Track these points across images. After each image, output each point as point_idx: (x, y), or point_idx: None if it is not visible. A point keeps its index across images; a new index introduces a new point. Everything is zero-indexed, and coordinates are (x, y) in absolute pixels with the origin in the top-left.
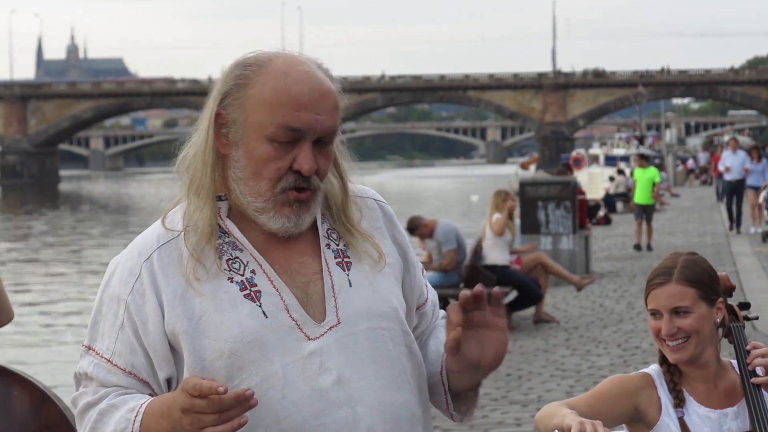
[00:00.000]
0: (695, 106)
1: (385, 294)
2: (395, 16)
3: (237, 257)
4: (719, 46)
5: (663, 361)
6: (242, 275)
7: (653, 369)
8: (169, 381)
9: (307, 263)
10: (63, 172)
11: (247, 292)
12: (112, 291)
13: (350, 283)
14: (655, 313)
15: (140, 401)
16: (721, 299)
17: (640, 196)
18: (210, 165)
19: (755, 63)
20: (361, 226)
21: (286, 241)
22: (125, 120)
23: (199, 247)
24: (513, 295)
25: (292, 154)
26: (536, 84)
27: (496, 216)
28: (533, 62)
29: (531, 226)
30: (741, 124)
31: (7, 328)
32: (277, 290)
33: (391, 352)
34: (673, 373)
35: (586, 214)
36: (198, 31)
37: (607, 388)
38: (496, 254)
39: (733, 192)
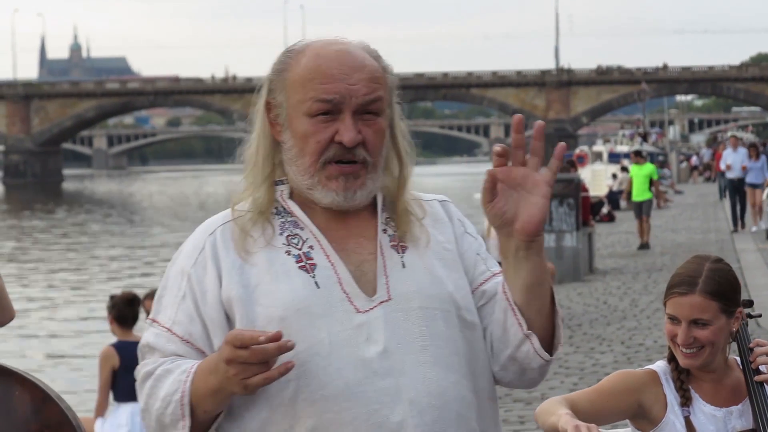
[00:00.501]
0: (699, 102)
1: (440, 277)
2: (398, 15)
3: (297, 234)
4: (723, 42)
5: (671, 359)
6: (300, 249)
7: (659, 366)
8: None
9: (364, 244)
10: (66, 171)
11: (303, 264)
12: (178, 265)
13: (403, 265)
14: (673, 319)
15: (192, 363)
16: (740, 309)
17: (636, 193)
18: (266, 152)
19: (759, 60)
20: (420, 217)
21: (345, 222)
22: (128, 119)
23: (252, 222)
24: None
25: (333, 127)
26: (539, 81)
27: None
28: (536, 59)
29: None
30: (744, 121)
31: (8, 327)
32: (332, 264)
33: (443, 332)
34: (681, 371)
35: (590, 212)
36: (201, 30)
37: (611, 384)
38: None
39: (736, 190)
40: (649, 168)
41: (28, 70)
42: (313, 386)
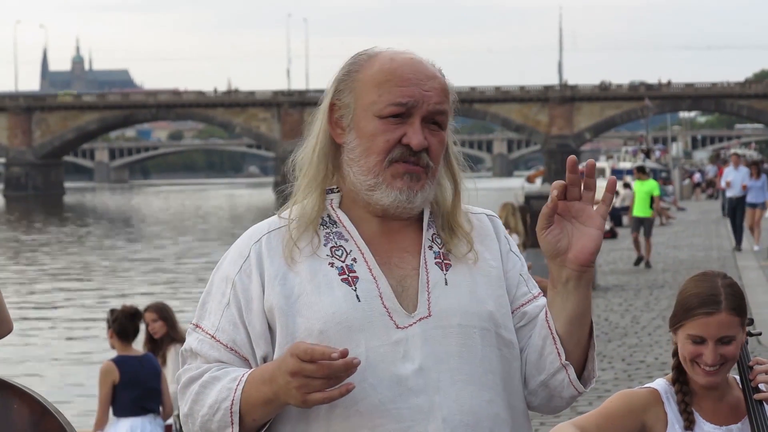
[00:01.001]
0: (702, 119)
1: (481, 296)
2: (400, 28)
3: (341, 245)
4: (727, 59)
5: (676, 380)
6: (343, 261)
7: (660, 384)
8: (265, 359)
9: (407, 259)
10: (68, 184)
11: (345, 276)
12: (223, 272)
13: (446, 282)
14: (697, 340)
15: (242, 371)
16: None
17: (638, 209)
18: (322, 157)
19: (762, 76)
20: (469, 233)
21: (391, 236)
22: (130, 132)
23: (300, 231)
24: None
25: (402, 129)
26: (543, 97)
27: (514, 236)
28: (540, 75)
29: (536, 240)
30: (748, 138)
31: (7, 340)
32: (374, 278)
33: (479, 351)
34: (685, 393)
35: None
36: (203, 43)
37: (615, 406)
38: None
39: (735, 209)
40: (651, 184)
41: (30, 82)
42: (347, 401)
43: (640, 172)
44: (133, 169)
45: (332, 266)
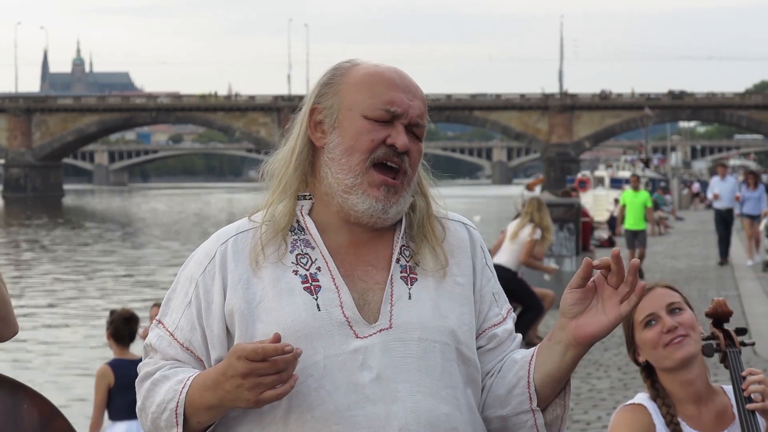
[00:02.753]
0: (701, 129)
1: (444, 311)
2: (401, 35)
3: (307, 254)
4: (727, 69)
5: (657, 395)
6: (307, 270)
7: (644, 400)
8: (219, 362)
9: (372, 273)
10: (67, 186)
11: (308, 285)
12: (188, 271)
13: (410, 296)
14: (650, 321)
15: (189, 374)
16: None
17: (630, 221)
18: (298, 162)
19: (762, 87)
20: (441, 242)
21: (358, 248)
22: (130, 135)
23: (268, 236)
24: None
25: (386, 131)
26: (543, 105)
27: (537, 231)
28: (540, 83)
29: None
30: (747, 149)
31: (8, 344)
32: (336, 288)
33: (439, 365)
34: (669, 405)
35: (589, 236)
36: (204, 47)
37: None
38: (511, 257)
39: (723, 221)
40: (644, 196)
41: (30, 84)
42: (304, 407)
43: (637, 180)
44: (133, 172)
45: (296, 274)
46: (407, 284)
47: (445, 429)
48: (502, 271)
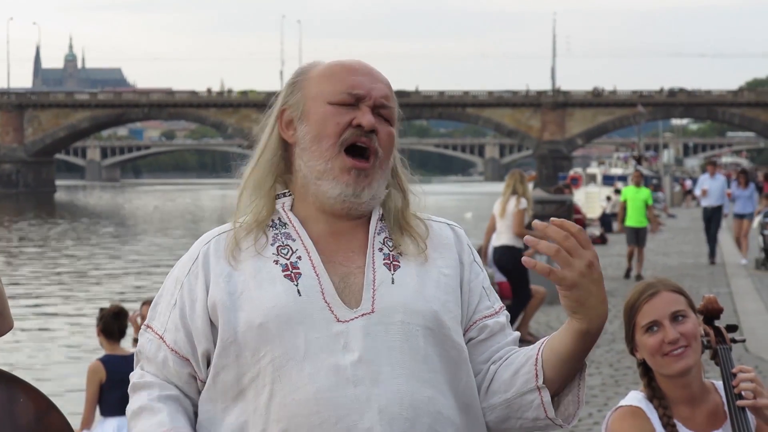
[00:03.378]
0: (694, 127)
1: (428, 297)
2: (394, 32)
3: (288, 245)
4: (719, 67)
5: (653, 395)
6: (288, 259)
7: (638, 400)
8: (207, 356)
9: (353, 258)
10: (59, 182)
11: (288, 273)
12: (174, 275)
13: (393, 281)
14: (652, 327)
15: (169, 428)
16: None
17: (632, 219)
18: (269, 158)
19: (754, 85)
20: (422, 236)
21: (338, 236)
22: (122, 131)
23: (246, 231)
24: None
25: (352, 114)
26: (535, 102)
27: (523, 201)
28: (533, 80)
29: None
30: (739, 146)
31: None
32: (317, 275)
33: (422, 349)
34: (665, 407)
35: None
36: (197, 43)
37: None
38: (510, 234)
39: (710, 218)
40: (646, 193)
41: (23, 80)
42: (286, 390)
43: (641, 176)
44: (125, 168)
45: (276, 263)
46: (390, 270)
47: (427, 412)
48: (508, 251)
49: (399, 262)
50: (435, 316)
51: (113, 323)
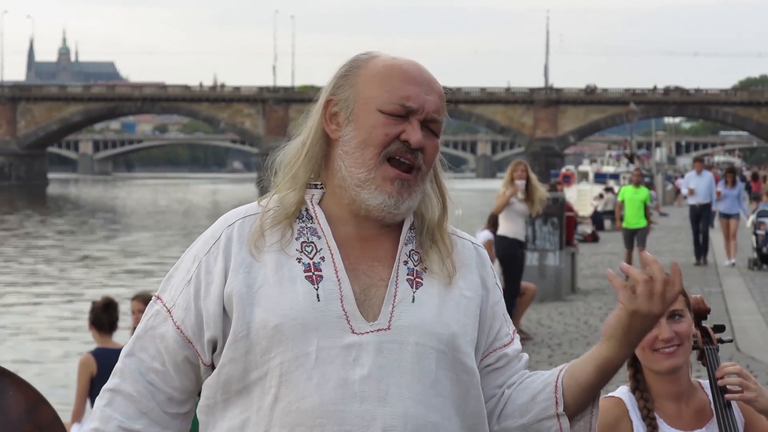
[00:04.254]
0: (686, 125)
1: (446, 319)
2: (387, 28)
3: (312, 242)
4: (712, 66)
5: (636, 387)
6: (311, 259)
7: (623, 393)
8: (213, 343)
9: (377, 269)
10: (51, 175)
11: (310, 274)
12: (193, 251)
13: (413, 299)
14: None
15: None
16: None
17: (630, 219)
18: (311, 153)
19: (747, 84)
20: (451, 253)
21: (365, 243)
22: (115, 124)
23: (274, 222)
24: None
25: (401, 126)
26: (528, 99)
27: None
28: (525, 77)
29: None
30: (732, 145)
31: None
32: (338, 280)
33: (432, 372)
34: (647, 399)
35: (573, 231)
36: (190, 38)
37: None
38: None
39: (698, 219)
40: (645, 192)
41: (16, 72)
42: (291, 397)
43: (640, 176)
44: (117, 162)
45: (299, 261)
46: (412, 287)
47: None
48: (504, 241)
49: (422, 279)
50: (451, 340)
51: (103, 315)
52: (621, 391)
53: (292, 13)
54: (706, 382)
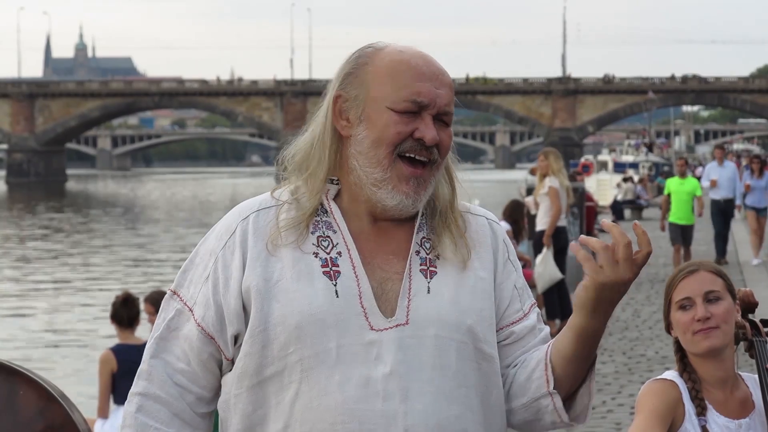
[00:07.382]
0: (705, 113)
1: (463, 307)
2: (404, 19)
3: (329, 236)
4: (730, 53)
5: (684, 370)
6: (328, 254)
7: (674, 376)
8: (236, 338)
9: (392, 262)
10: (70, 171)
11: (327, 269)
12: (208, 245)
13: (429, 290)
14: (686, 305)
15: None
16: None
17: (677, 214)
18: (326, 148)
19: (765, 71)
20: (464, 234)
21: (379, 235)
22: (133, 120)
23: (292, 220)
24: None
25: (414, 124)
26: (546, 89)
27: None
28: (543, 67)
29: None
30: (751, 133)
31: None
32: (356, 276)
33: (453, 364)
34: (695, 381)
35: (594, 221)
36: (207, 31)
37: (655, 406)
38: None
39: (722, 213)
40: (693, 183)
41: (33, 69)
42: (313, 393)
43: (684, 164)
44: (136, 157)
45: (316, 256)
46: (426, 277)
47: (452, 430)
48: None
49: (436, 267)
50: (469, 330)
51: (122, 310)
52: (671, 374)
53: (309, 6)
54: (747, 375)
